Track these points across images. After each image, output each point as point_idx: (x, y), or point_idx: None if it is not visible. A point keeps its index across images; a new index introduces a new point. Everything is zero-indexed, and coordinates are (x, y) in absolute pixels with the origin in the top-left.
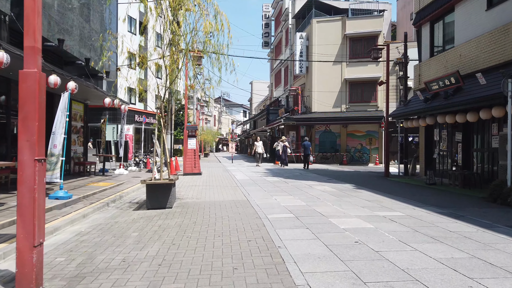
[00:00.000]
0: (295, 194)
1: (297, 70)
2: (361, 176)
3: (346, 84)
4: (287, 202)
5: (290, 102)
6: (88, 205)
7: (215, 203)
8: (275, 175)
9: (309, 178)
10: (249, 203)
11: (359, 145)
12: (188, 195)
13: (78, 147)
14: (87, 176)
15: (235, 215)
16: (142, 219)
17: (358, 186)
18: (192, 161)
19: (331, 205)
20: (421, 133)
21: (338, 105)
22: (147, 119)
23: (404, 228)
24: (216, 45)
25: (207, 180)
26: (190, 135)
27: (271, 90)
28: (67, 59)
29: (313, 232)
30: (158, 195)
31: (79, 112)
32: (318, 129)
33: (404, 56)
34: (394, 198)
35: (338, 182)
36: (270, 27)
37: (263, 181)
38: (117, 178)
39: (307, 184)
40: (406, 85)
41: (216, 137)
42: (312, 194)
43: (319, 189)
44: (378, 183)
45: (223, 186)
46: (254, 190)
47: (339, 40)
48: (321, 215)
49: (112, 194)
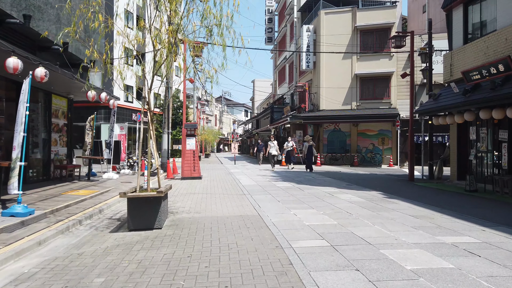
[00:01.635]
0: (317, 206)
1: (304, 65)
2: (382, 180)
3: (357, 79)
4: (312, 219)
5: (295, 100)
6: (54, 224)
7: (218, 220)
8: (285, 179)
9: (325, 184)
10: (263, 221)
11: (370, 145)
12: (185, 207)
13: (61, 148)
14: (69, 181)
15: (247, 242)
16: (118, 248)
17: (387, 194)
18: (191, 163)
19: (371, 224)
20: (453, 131)
21: (348, 103)
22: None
23: (502, 270)
24: (219, 16)
25: (208, 186)
26: (189, 134)
27: (274, 87)
28: (41, 43)
29: (369, 279)
30: (144, 212)
31: (61, 108)
32: (327, 128)
33: (429, 45)
34: (445, 213)
35: (361, 188)
36: (274, 22)
37: (273, 187)
38: (104, 184)
39: (326, 191)
40: (431, 78)
41: (217, 137)
42: (338, 206)
43: (343, 198)
44: (408, 189)
45: (227, 194)
46: (265, 200)
47: (349, 32)
48: (365, 242)
49: (91, 206)
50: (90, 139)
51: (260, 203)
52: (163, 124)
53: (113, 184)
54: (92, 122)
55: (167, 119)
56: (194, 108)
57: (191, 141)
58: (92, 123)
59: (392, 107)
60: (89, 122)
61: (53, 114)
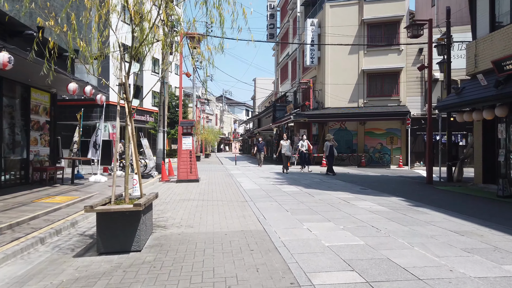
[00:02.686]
0: (334, 217)
1: (308, 61)
2: (398, 183)
3: (364, 76)
4: (332, 237)
5: (298, 98)
6: (5, 245)
7: (214, 239)
8: (291, 182)
9: (336, 187)
10: (270, 239)
11: (378, 144)
12: (175, 219)
13: (42, 148)
14: (50, 185)
15: (251, 275)
16: (75, 284)
17: (411, 200)
18: (188, 165)
19: (408, 245)
20: (477, 129)
21: (355, 100)
22: (142, 117)
23: None
24: None
25: (205, 191)
26: (185, 133)
27: (276, 85)
28: (12, 27)
29: None
30: (118, 230)
31: (42, 103)
32: (332, 127)
33: (447, 35)
34: (492, 227)
35: (377, 193)
36: (276, 18)
37: (278, 192)
38: (88, 189)
39: (340, 197)
40: (450, 71)
41: (217, 137)
42: (359, 217)
43: (362, 206)
44: (431, 195)
45: (227, 201)
46: (271, 209)
47: (355, 26)
48: (412, 276)
49: (64, 217)
50: (78, 138)
51: (265, 213)
52: (158, 122)
53: (98, 189)
54: (79, 119)
55: (162, 116)
56: (193, 107)
57: (188, 140)
58: (80, 120)
59: (401, 105)
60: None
61: (32, 110)
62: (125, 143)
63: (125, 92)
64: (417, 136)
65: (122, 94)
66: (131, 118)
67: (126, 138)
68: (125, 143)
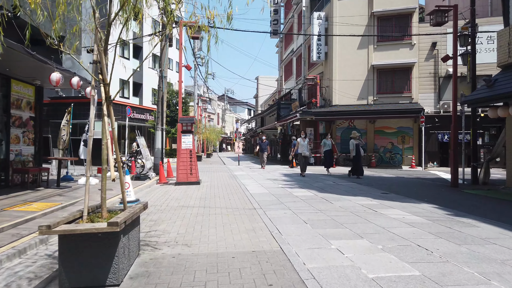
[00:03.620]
0: (365, 231)
1: (315, 56)
2: (419, 186)
3: (374, 71)
4: (371, 262)
5: (303, 95)
6: None
7: (219, 266)
8: (301, 185)
9: (353, 191)
10: (292, 267)
11: (389, 144)
12: (170, 233)
13: (25, 147)
14: (32, 189)
15: None
16: None
17: (446, 208)
18: (188, 165)
19: (482, 277)
20: (510, 126)
21: (364, 97)
22: (142, 115)
23: None
24: None
25: (207, 195)
26: (185, 130)
27: (280, 83)
28: None
29: None
30: (88, 258)
31: (25, 97)
32: (340, 125)
33: (471, 24)
34: None
35: (402, 198)
36: (280, 13)
37: (289, 197)
38: (75, 193)
39: (363, 204)
40: (475, 63)
41: (219, 136)
42: (396, 232)
43: (394, 216)
44: (463, 200)
45: (232, 209)
46: (286, 220)
47: (365, 19)
48: None
49: (32, 232)
50: (67, 136)
51: (279, 225)
52: (157, 120)
53: None
54: (68, 116)
55: (161, 113)
56: (194, 105)
57: (188, 139)
58: (69, 117)
59: (413, 102)
60: (66, 116)
61: (13, 104)
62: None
63: (101, 71)
64: (431, 135)
65: (98, 75)
66: (110, 106)
67: (102, 133)
68: (139, 143)
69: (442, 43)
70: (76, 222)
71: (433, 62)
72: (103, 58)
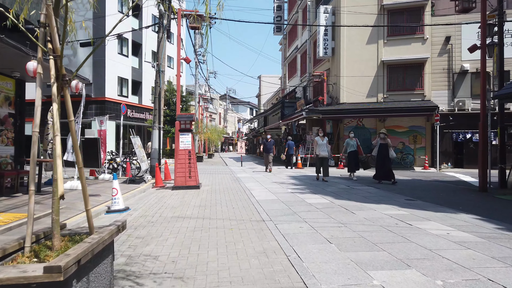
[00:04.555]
0: (409, 255)
1: (321, 52)
2: (444, 191)
3: (384, 67)
4: None
5: (308, 93)
6: None
7: None
8: (312, 189)
9: (374, 198)
10: None
11: (400, 144)
12: (159, 258)
13: (2, 147)
14: (8, 195)
15: None
16: None
17: (491, 220)
18: (186, 167)
19: None
20: None
21: (374, 94)
22: (141, 114)
23: None
24: None
25: (207, 203)
26: (183, 129)
27: (283, 82)
28: None
29: None
30: None
31: (3, 91)
32: (348, 124)
33: (499, 11)
34: None
35: (433, 206)
36: (283, 9)
37: (302, 204)
38: None
39: (390, 214)
40: (503, 56)
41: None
42: (449, 257)
43: (436, 233)
44: (503, 208)
45: (237, 221)
46: (304, 238)
47: (374, 13)
48: None
49: None
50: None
51: (297, 245)
52: (154, 117)
53: (70, 199)
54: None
55: (158, 111)
56: (195, 104)
57: (186, 138)
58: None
59: (426, 99)
60: (51, 113)
61: None
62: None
63: (51, 38)
64: (444, 134)
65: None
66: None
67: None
68: (133, 143)
69: (457, 37)
70: (13, 257)
71: (447, 57)
72: (52, 20)
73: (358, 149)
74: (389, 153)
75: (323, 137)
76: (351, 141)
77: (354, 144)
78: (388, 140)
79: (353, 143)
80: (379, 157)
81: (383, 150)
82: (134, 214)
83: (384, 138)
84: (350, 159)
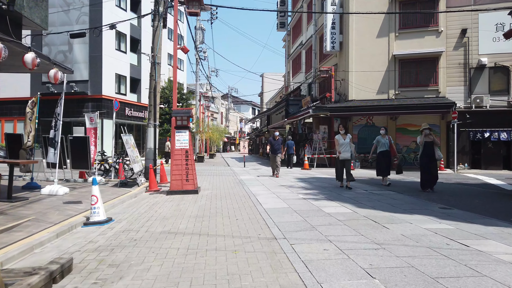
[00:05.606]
0: None
1: (328, 47)
2: (477, 197)
3: (395, 62)
4: None
5: (314, 90)
6: None
7: None
8: (326, 195)
9: (402, 206)
10: None
11: (413, 143)
12: None
13: None
14: None
15: None
16: None
17: None
18: (183, 169)
19: None
20: None
21: (385, 91)
22: (140, 113)
23: None
24: None
25: (205, 212)
26: (180, 126)
27: (287, 79)
28: None
29: None
30: None
31: None
32: (357, 123)
33: None
34: None
35: (476, 218)
36: (287, 4)
37: (320, 215)
38: (26, 209)
39: (430, 228)
40: None
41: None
42: None
43: (505, 258)
44: None
45: (241, 239)
46: (333, 269)
47: (385, 4)
48: None
49: None
50: (32, 133)
51: (327, 283)
52: (149, 114)
53: (44, 208)
54: (34, 108)
55: (153, 107)
56: (196, 102)
57: (183, 136)
58: (35, 109)
59: (440, 96)
60: (31, 109)
61: None
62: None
63: None
64: (461, 133)
65: None
66: None
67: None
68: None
69: (474, 29)
70: None
71: (463, 51)
72: None
73: (391, 148)
74: (436, 153)
75: (345, 135)
76: (383, 139)
77: (386, 142)
78: (433, 137)
79: (385, 141)
80: (425, 159)
81: (429, 150)
82: (115, 228)
83: (429, 135)
84: (380, 161)
